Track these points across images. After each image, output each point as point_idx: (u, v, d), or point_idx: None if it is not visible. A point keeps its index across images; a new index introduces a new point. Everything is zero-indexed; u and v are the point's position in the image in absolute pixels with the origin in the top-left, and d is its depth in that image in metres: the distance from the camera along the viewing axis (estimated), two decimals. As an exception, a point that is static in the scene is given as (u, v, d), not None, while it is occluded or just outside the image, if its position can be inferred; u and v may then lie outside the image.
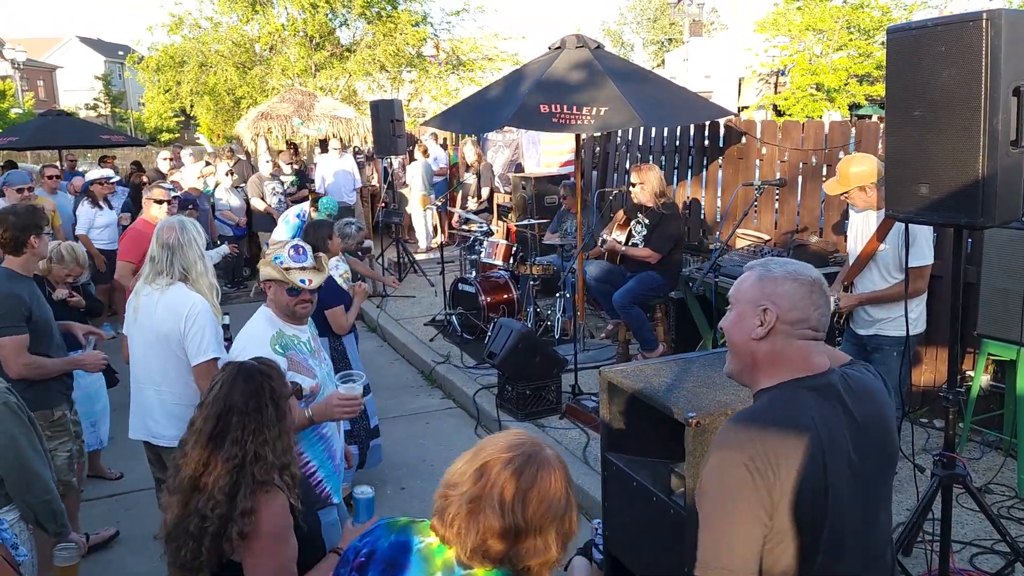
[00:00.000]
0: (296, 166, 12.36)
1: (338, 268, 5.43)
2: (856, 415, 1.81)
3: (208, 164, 12.20)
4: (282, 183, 10.85)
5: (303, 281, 3.27)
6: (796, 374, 1.83)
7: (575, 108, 6.40)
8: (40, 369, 3.84)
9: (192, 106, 23.26)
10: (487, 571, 1.65)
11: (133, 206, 9.13)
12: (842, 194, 4.46)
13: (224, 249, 7.80)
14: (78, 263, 4.97)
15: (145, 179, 11.00)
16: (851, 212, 4.62)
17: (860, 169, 4.30)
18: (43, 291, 4.24)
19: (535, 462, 1.65)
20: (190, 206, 8.08)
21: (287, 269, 3.26)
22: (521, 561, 1.63)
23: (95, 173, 9.08)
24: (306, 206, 8.03)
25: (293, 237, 7.10)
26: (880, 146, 5.62)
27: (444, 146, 13.87)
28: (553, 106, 6.42)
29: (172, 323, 3.60)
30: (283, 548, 2.22)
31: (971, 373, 5.08)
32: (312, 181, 12.13)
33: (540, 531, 1.63)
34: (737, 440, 1.74)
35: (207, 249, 4.06)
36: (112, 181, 8.94)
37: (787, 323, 1.83)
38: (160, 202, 5.91)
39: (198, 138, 37.41)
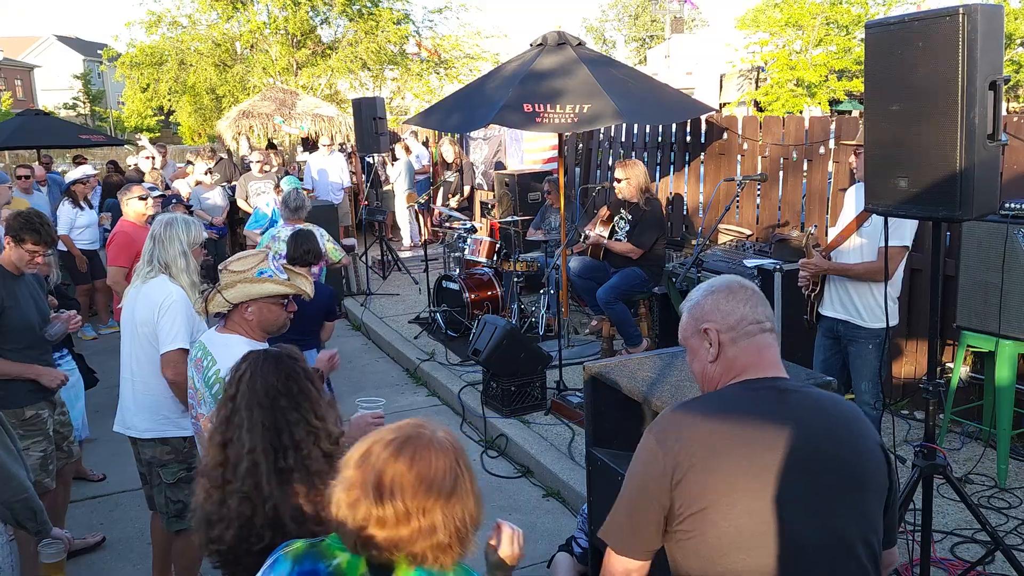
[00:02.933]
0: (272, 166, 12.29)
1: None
2: (799, 425, 1.75)
3: (190, 163, 12.11)
4: (275, 178, 10.76)
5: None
6: (749, 375, 1.85)
7: (558, 106, 6.41)
8: None
9: (171, 106, 23.09)
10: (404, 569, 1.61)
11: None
12: (856, 149, 4.34)
13: None
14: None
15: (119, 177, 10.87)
16: (848, 194, 4.55)
17: None
18: (42, 293, 4.20)
19: (414, 442, 1.62)
20: (174, 201, 8.05)
21: (286, 278, 3.15)
22: (407, 547, 1.58)
23: (76, 173, 8.99)
24: (273, 194, 8.03)
25: (268, 226, 7.08)
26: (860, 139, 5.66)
27: (426, 143, 13.84)
28: (536, 105, 6.43)
29: (148, 312, 3.64)
30: None
31: (951, 365, 5.13)
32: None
33: (423, 512, 1.57)
34: (659, 421, 1.84)
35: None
36: (91, 177, 8.88)
37: (728, 330, 1.86)
38: (143, 198, 5.89)
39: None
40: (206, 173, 10.50)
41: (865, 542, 1.76)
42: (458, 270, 8.57)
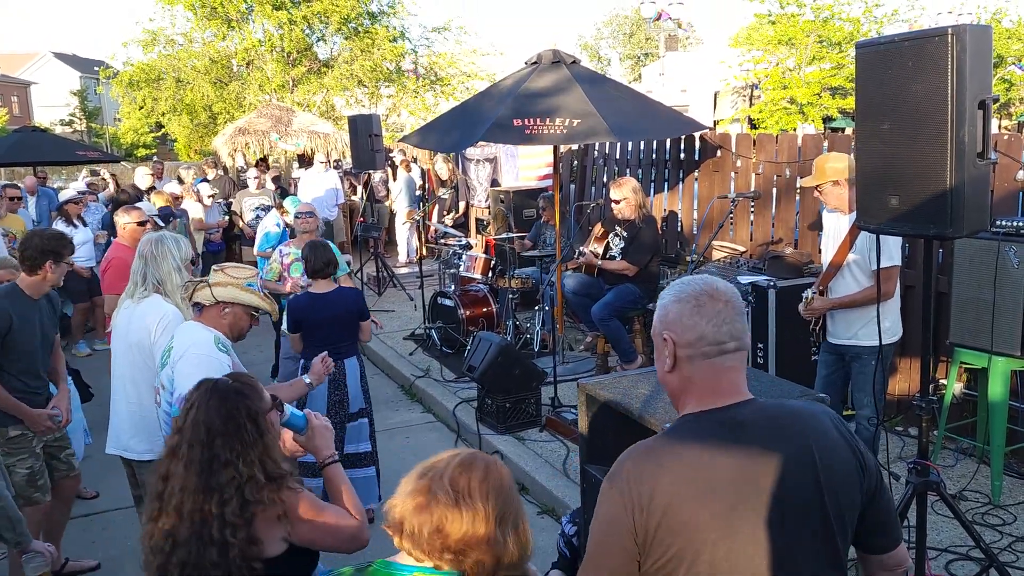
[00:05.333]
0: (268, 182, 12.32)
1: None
2: (753, 463, 1.67)
3: (180, 180, 12.12)
4: (270, 195, 10.78)
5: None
6: (704, 404, 1.74)
7: (547, 119, 6.46)
8: None
9: (168, 124, 23.16)
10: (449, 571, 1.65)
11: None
12: (816, 188, 4.53)
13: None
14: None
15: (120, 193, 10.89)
16: (824, 215, 4.69)
17: (835, 165, 4.40)
18: (54, 317, 4.21)
19: (481, 458, 1.72)
20: (172, 218, 8.08)
21: (264, 297, 3.43)
22: (479, 554, 1.62)
23: (69, 192, 9.02)
24: (277, 213, 8.05)
25: (278, 244, 7.13)
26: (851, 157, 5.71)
27: (415, 160, 13.85)
28: (525, 119, 6.47)
29: (143, 333, 3.65)
30: (322, 516, 2.27)
31: (944, 381, 5.15)
32: (288, 195, 12.07)
33: (498, 522, 1.63)
34: (618, 471, 1.72)
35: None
36: (85, 195, 8.91)
37: (685, 346, 1.74)
38: (142, 223, 5.86)
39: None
40: (210, 197, 10.52)
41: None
42: (453, 287, 8.59)
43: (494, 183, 11.66)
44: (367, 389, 5.02)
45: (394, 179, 13.20)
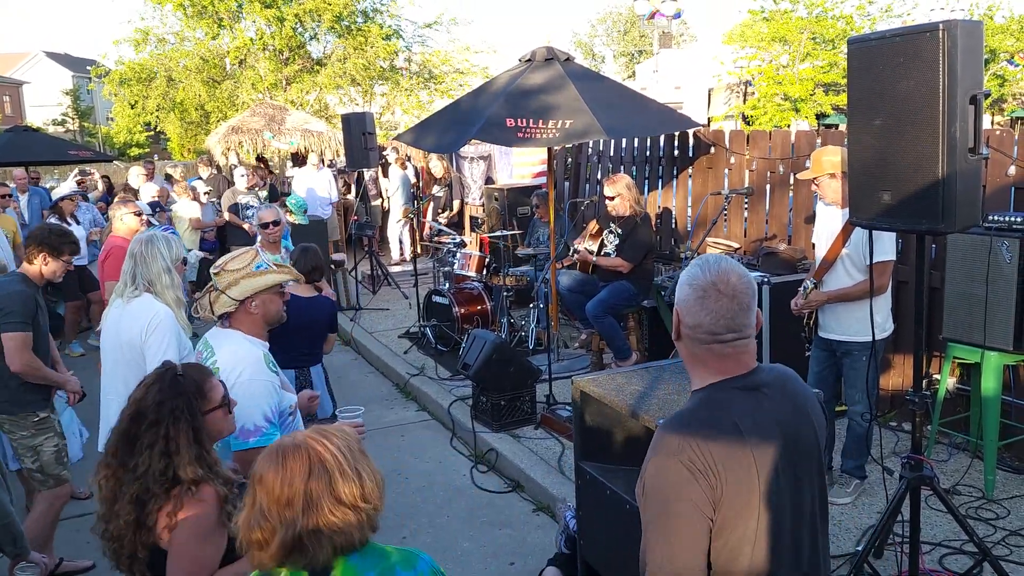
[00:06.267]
0: (266, 180, 12.31)
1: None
2: (782, 417, 1.85)
3: (169, 176, 12.11)
4: (258, 197, 10.78)
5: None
6: (719, 376, 1.86)
7: (540, 121, 6.44)
8: (38, 372, 4.09)
9: (159, 123, 23.10)
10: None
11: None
12: (812, 181, 4.54)
13: (199, 254, 7.82)
14: None
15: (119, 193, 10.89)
16: (818, 208, 4.69)
17: (832, 158, 4.40)
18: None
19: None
20: (159, 210, 8.10)
21: (279, 266, 3.17)
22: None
23: (63, 189, 9.00)
24: (281, 211, 8.05)
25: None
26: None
27: (408, 159, 13.84)
28: (519, 120, 6.46)
29: (134, 332, 3.63)
30: (204, 546, 2.26)
31: (938, 376, 5.16)
32: (284, 195, 12.06)
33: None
34: (673, 445, 1.78)
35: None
36: (75, 194, 8.89)
37: (688, 328, 1.87)
38: (138, 214, 5.88)
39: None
40: (205, 194, 10.51)
41: (821, 509, 1.94)
42: (448, 284, 8.58)
43: (488, 181, 11.66)
44: (332, 392, 4.95)
45: (385, 176, 13.17)
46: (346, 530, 1.70)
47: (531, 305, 7.83)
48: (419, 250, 12.01)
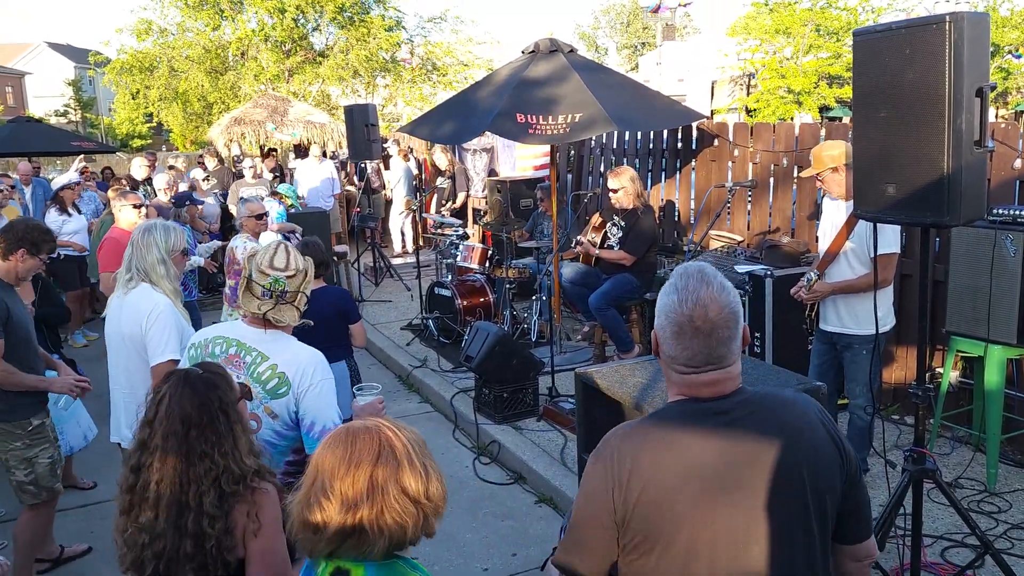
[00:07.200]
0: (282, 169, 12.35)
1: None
2: (750, 442, 1.71)
3: (171, 167, 12.12)
4: (268, 187, 10.79)
5: None
6: (689, 395, 1.78)
7: (550, 118, 6.43)
8: (13, 378, 3.77)
9: (161, 114, 23.10)
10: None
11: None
12: (816, 176, 4.52)
13: (215, 244, 7.83)
14: None
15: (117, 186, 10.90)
16: (824, 203, 4.67)
17: (832, 152, 4.39)
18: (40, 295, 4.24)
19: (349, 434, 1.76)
20: (187, 202, 8.14)
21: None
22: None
23: (63, 179, 8.99)
24: (275, 202, 8.09)
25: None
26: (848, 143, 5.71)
27: (411, 151, 13.84)
28: (529, 116, 6.44)
29: (135, 323, 3.59)
30: (282, 538, 2.19)
31: (940, 370, 5.16)
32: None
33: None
34: (602, 448, 1.79)
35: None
36: (76, 184, 8.88)
37: (665, 355, 1.79)
38: (137, 207, 5.87)
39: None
40: (204, 180, 10.51)
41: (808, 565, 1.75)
42: (450, 277, 8.58)
43: (491, 173, 11.65)
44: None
45: (387, 168, 13.17)
46: (404, 524, 1.64)
47: (534, 297, 7.82)
48: (421, 242, 12.01)
